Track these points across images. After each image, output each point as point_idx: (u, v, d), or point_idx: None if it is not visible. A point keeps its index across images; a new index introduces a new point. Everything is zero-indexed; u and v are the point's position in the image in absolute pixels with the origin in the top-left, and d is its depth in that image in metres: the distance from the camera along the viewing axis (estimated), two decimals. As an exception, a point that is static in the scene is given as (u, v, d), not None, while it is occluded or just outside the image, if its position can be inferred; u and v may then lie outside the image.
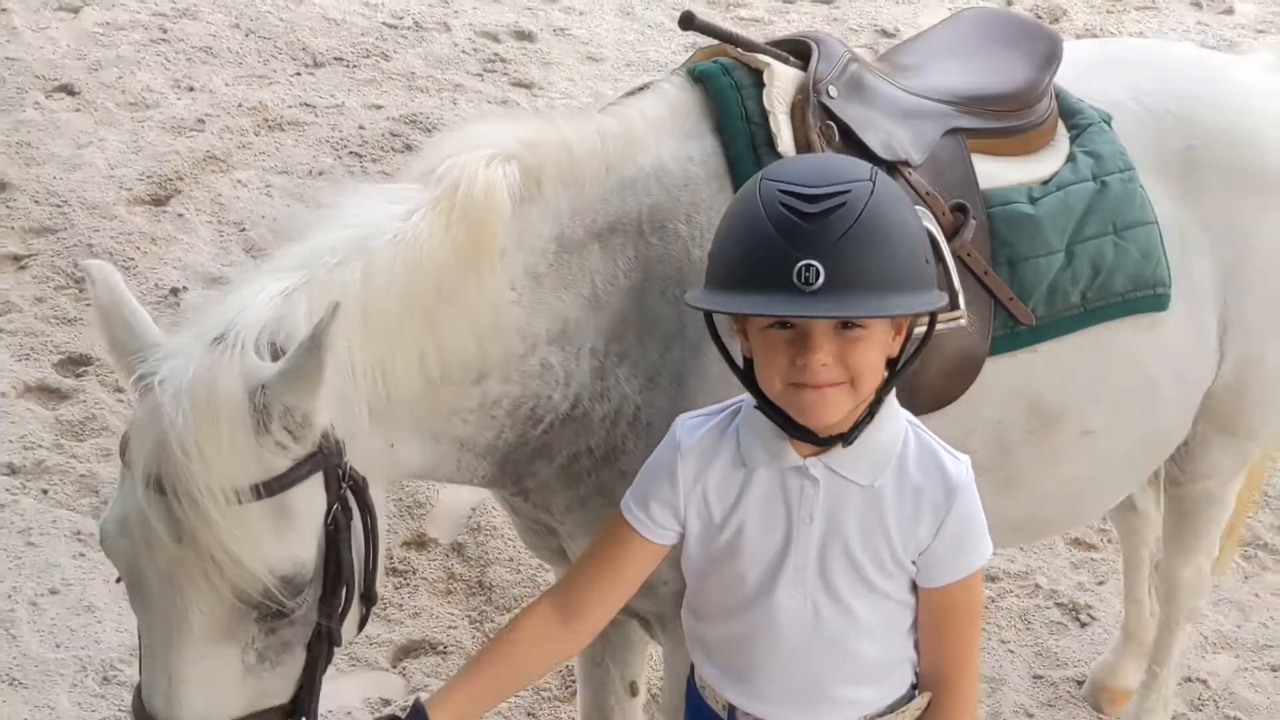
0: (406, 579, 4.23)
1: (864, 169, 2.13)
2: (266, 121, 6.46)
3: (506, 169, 2.37)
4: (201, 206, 5.84)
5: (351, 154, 6.27)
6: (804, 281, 2.01)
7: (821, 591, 2.20)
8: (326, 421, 2.11)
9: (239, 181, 6.01)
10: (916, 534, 2.18)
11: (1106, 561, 4.42)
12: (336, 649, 2.22)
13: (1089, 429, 2.87)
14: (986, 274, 2.71)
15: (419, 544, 4.36)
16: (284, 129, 6.42)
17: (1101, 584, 4.36)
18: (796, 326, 2.08)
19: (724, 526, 2.23)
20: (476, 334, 2.34)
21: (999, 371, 2.73)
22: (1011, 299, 2.73)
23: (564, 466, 2.54)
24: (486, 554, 4.33)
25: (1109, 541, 4.46)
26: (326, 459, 2.12)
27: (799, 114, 2.60)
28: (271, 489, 2.06)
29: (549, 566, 3.46)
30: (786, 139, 2.56)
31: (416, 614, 4.12)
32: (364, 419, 2.21)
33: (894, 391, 2.20)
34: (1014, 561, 4.40)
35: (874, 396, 2.15)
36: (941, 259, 2.60)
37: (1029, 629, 4.21)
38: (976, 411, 2.73)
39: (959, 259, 2.66)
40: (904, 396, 2.54)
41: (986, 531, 2.23)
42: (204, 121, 6.40)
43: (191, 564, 2.04)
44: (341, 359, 2.10)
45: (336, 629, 2.19)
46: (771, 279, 2.04)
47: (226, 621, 2.09)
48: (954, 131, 2.77)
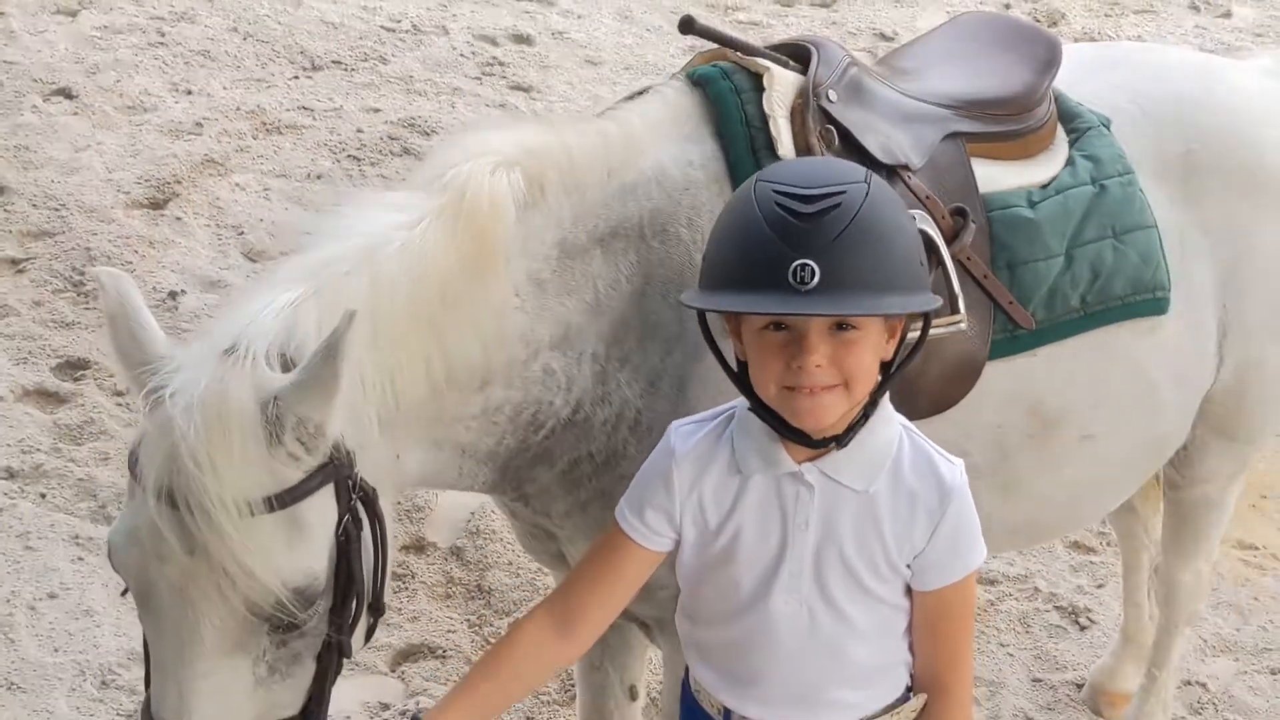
0: (405, 583, 4.23)
1: (858, 171, 2.13)
2: (264, 125, 6.46)
3: (511, 176, 2.36)
4: (199, 210, 5.84)
5: (350, 157, 6.27)
6: (799, 281, 2.01)
7: (817, 597, 2.20)
8: (338, 432, 2.10)
9: (237, 185, 6.01)
10: (911, 538, 2.18)
11: (1106, 565, 4.42)
12: (346, 660, 2.21)
13: (1089, 433, 2.87)
14: (986, 278, 2.71)
15: (418, 548, 4.36)
16: (282, 132, 6.42)
17: (1101, 587, 4.36)
18: (791, 328, 2.08)
19: (719, 533, 2.23)
20: (481, 341, 2.34)
21: (999, 375, 2.74)
22: (1011, 303, 2.73)
23: (565, 472, 2.53)
24: (485, 558, 4.32)
25: (1108, 545, 4.46)
26: (337, 470, 2.11)
27: (799, 118, 2.60)
28: (284, 501, 2.05)
29: (548, 570, 3.46)
30: (786, 143, 2.56)
31: (415, 618, 4.11)
32: (374, 429, 2.20)
33: (888, 396, 2.20)
34: (1013, 565, 4.40)
35: (868, 399, 2.14)
36: (941, 263, 2.60)
37: (1028, 632, 4.20)
38: (976, 416, 2.73)
39: (959, 263, 2.66)
40: (904, 400, 2.54)
41: (980, 535, 2.23)
42: (202, 125, 6.39)
43: (204, 577, 2.03)
44: (353, 369, 2.09)
45: (346, 640, 2.18)
46: (767, 279, 2.04)
47: (238, 634, 2.08)
48: (953, 135, 2.78)
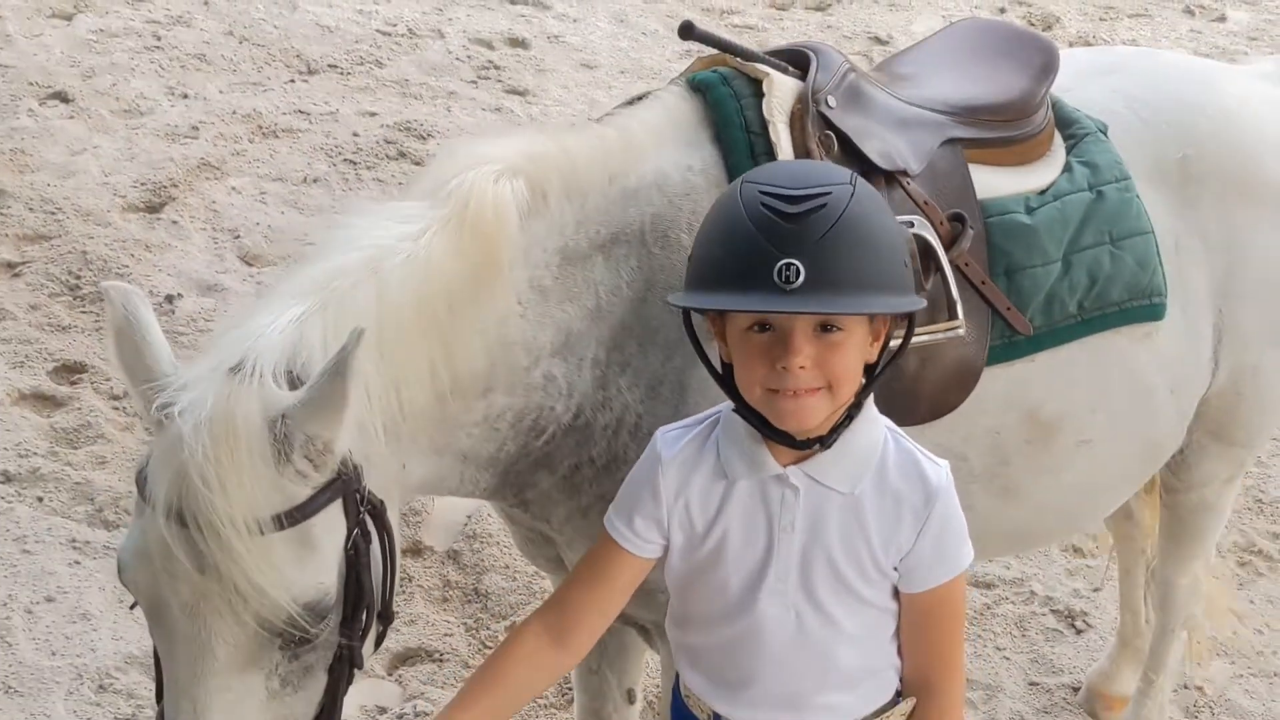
0: (402, 586, 4.21)
1: (844, 174, 2.14)
2: (261, 129, 6.46)
3: (515, 184, 2.37)
4: (196, 214, 5.84)
5: (346, 161, 6.27)
6: (784, 280, 2.02)
7: (804, 600, 2.20)
8: (346, 446, 2.10)
9: (233, 189, 6.01)
10: (897, 539, 2.18)
11: (1102, 568, 4.42)
12: (357, 670, 2.21)
13: (1086, 438, 2.88)
14: (984, 284, 2.71)
15: (414, 551, 4.35)
16: (278, 136, 6.42)
17: (1097, 591, 4.36)
18: (776, 329, 2.08)
19: (706, 537, 2.23)
20: (485, 349, 2.35)
21: (997, 381, 2.74)
22: (1009, 309, 2.73)
23: (566, 477, 2.54)
24: (482, 561, 4.33)
25: (1104, 549, 4.45)
26: (346, 484, 2.11)
27: (798, 123, 2.60)
28: (293, 518, 2.05)
29: (545, 574, 3.46)
30: (786, 148, 2.56)
31: (412, 621, 4.11)
32: (380, 440, 2.20)
33: (872, 398, 2.20)
34: (1009, 568, 4.40)
35: (852, 400, 2.15)
36: (940, 269, 2.61)
37: (1025, 636, 4.21)
38: (974, 421, 2.73)
39: (957, 269, 2.66)
40: (903, 406, 2.55)
41: (968, 537, 2.23)
42: (198, 129, 6.39)
43: (215, 594, 2.03)
44: (359, 382, 2.08)
45: (358, 651, 2.18)
46: (752, 278, 2.04)
47: (251, 650, 2.08)
48: (952, 141, 2.78)
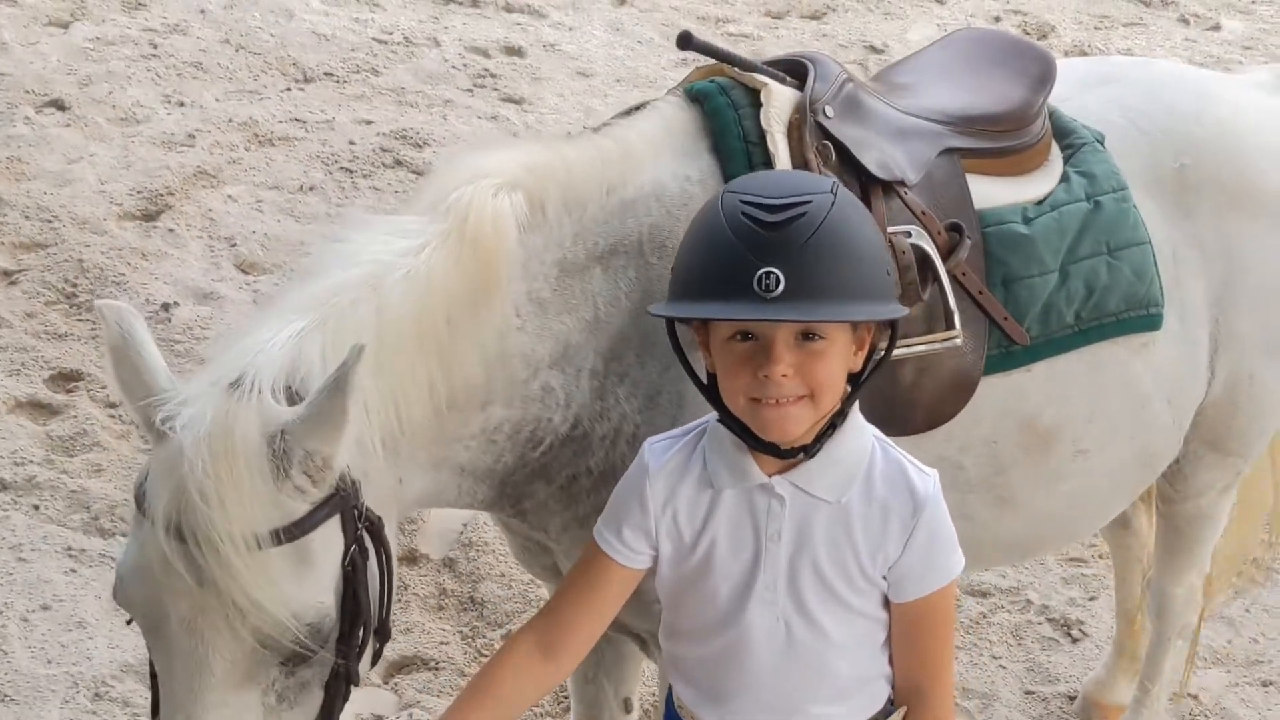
0: (398, 595, 4.22)
1: (825, 183, 2.14)
2: (257, 137, 6.46)
3: (513, 198, 2.37)
4: (192, 222, 5.84)
5: (342, 169, 6.28)
6: (765, 289, 2.03)
7: (793, 609, 2.20)
8: (344, 463, 2.10)
9: (230, 197, 6.01)
10: (885, 548, 2.18)
11: (1098, 577, 4.43)
12: (354, 686, 2.21)
13: (1083, 448, 2.88)
14: (981, 293, 2.72)
15: (410, 560, 4.35)
16: (274, 144, 6.43)
17: (1093, 599, 4.37)
18: (758, 338, 2.09)
19: (695, 547, 2.23)
20: (484, 362, 2.35)
21: (994, 391, 2.74)
22: (1006, 319, 2.74)
23: (563, 487, 2.53)
24: (478, 569, 4.32)
25: (1100, 557, 4.47)
26: (344, 500, 2.11)
27: (796, 133, 2.61)
28: (291, 534, 2.05)
29: (541, 583, 3.46)
30: (784, 158, 2.56)
31: (408, 630, 4.11)
32: (379, 457, 2.20)
33: (858, 406, 2.20)
34: (1005, 577, 4.40)
35: (837, 409, 2.15)
36: (937, 278, 2.62)
37: (1020, 644, 4.21)
38: (971, 430, 2.74)
39: (954, 278, 2.67)
40: (900, 415, 2.56)
41: (958, 545, 2.23)
42: (194, 137, 6.39)
43: (213, 610, 2.03)
44: (358, 397, 2.08)
45: (354, 667, 2.18)
46: (733, 287, 2.05)
47: (248, 666, 2.07)
48: (949, 151, 2.78)
